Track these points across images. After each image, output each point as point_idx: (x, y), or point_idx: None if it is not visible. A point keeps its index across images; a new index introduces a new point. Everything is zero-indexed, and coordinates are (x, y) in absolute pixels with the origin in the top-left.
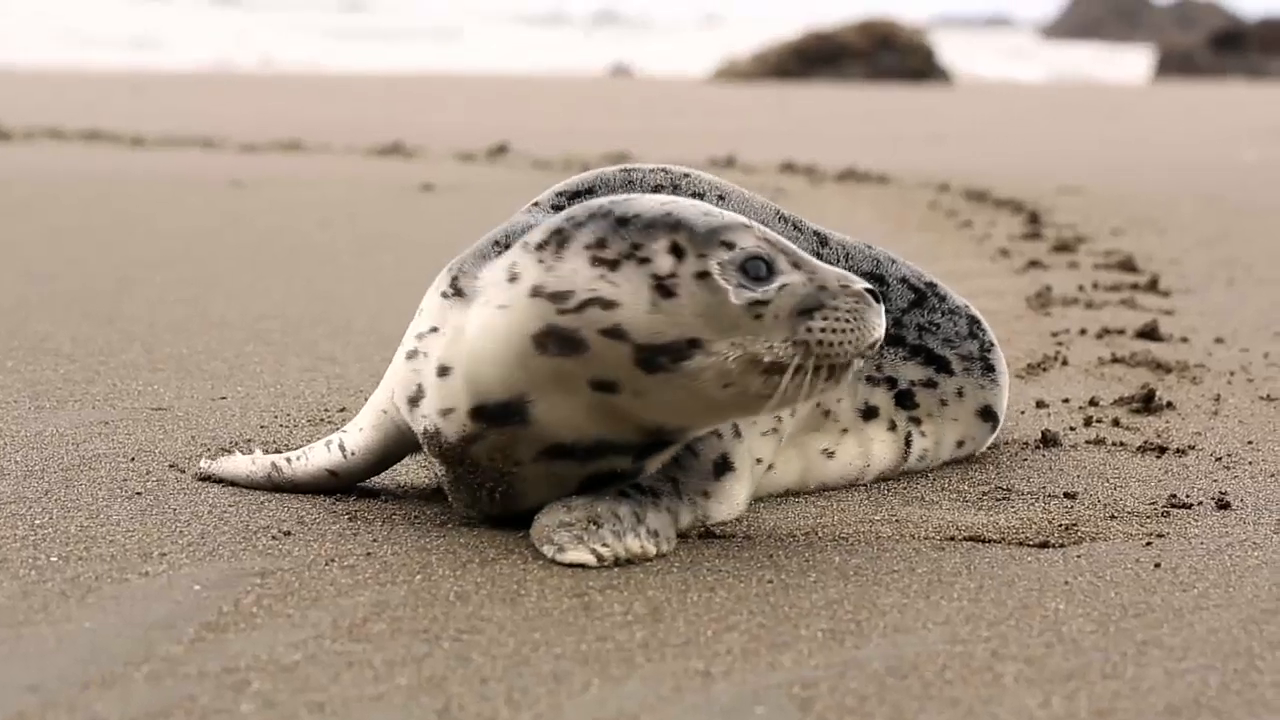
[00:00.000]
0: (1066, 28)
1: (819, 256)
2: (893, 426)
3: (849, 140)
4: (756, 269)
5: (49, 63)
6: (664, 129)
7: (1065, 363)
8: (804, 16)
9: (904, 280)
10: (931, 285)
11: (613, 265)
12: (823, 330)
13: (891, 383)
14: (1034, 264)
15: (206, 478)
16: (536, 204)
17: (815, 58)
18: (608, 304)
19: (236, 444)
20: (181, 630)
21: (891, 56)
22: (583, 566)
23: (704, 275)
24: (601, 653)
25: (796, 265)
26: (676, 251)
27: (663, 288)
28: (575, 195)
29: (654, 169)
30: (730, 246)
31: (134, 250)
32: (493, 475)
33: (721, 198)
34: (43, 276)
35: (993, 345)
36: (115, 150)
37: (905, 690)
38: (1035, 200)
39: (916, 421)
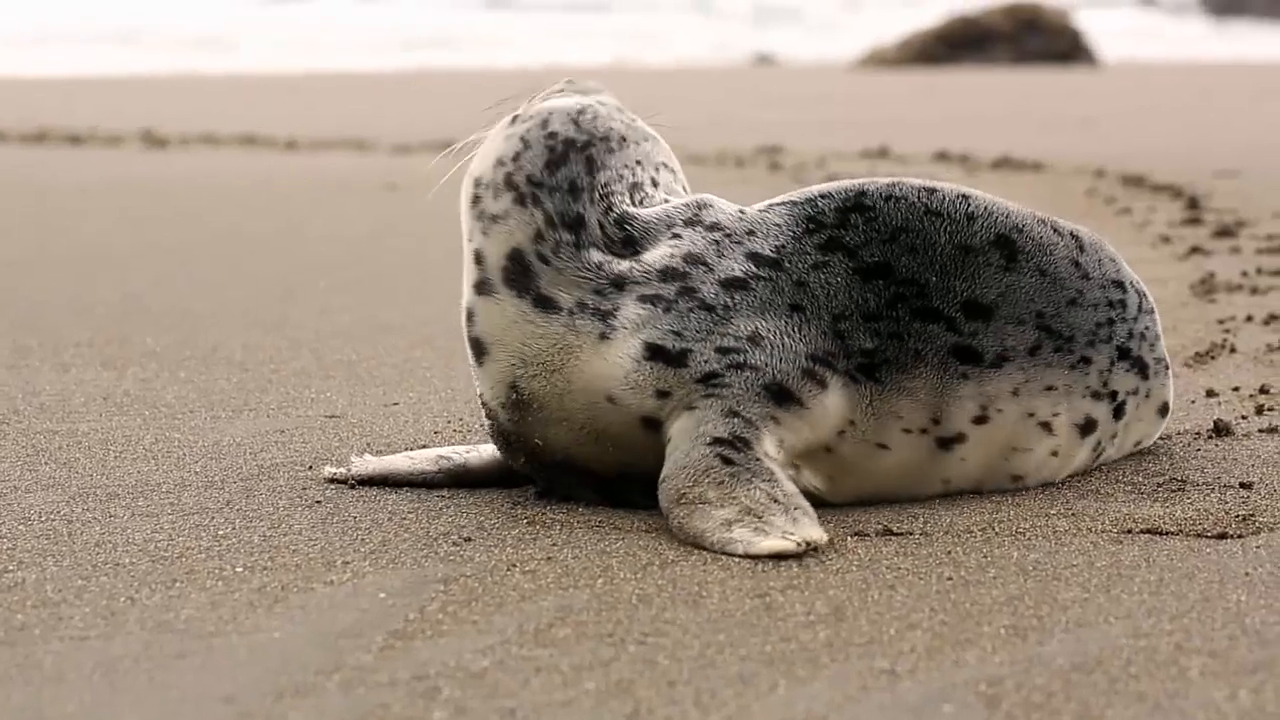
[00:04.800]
0: (1214, 5)
1: (1075, 265)
2: (1098, 445)
3: (1000, 126)
4: None
5: (195, 69)
6: (814, 119)
7: (1233, 350)
8: (946, 1)
9: (1133, 284)
10: (1136, 284)
11: None
12: None
13: (1113, 396)
14: (1195, 250)
15: (362, 481)
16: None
17: (960, 42)
18: None
19: (409, 448)
20: (370, 638)
21: (1037, 39)
22: (780, 557)
23: None
24: (786, 653)
25: None
26: None
27: None
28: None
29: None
30: None
31: (294, 256)
32: None
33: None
34: (207, 284)
35: (1159, 337)
36: (270, 155)
37: (1091, 685)
38: (1192, 184)
39: (1113, 435)
